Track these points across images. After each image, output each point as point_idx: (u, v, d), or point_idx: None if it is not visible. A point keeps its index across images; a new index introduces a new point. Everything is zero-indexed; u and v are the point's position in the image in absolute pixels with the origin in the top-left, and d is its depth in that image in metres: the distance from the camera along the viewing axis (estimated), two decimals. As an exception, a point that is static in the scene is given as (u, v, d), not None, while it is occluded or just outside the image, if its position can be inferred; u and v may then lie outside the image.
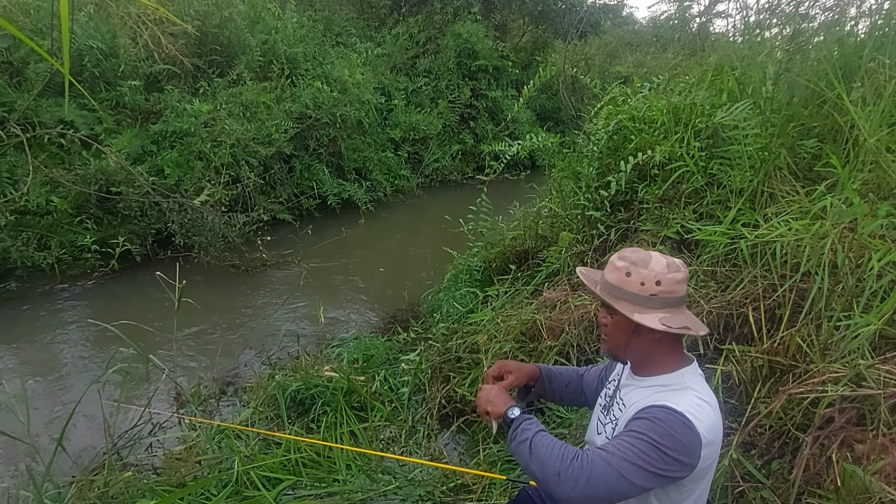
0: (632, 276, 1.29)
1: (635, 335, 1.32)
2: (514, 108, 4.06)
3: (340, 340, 4.02)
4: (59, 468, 2.30)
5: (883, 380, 1.54)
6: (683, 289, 1.32)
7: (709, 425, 1.22)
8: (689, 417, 1.19)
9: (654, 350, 1.34)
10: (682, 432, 1.18)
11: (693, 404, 1.23)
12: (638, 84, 3.34)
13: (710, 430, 1.22)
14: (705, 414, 1.23)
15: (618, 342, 1.37)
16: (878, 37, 2.32)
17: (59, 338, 4.20)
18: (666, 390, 1.29)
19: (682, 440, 1.18)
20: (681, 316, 1.30)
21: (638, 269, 1.29)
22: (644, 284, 1.28)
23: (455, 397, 2.97)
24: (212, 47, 7.09)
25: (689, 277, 1.36)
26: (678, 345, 1.36)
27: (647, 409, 1.24)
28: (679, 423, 1.19)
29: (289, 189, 7.26)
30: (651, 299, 1.28)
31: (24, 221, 5.01)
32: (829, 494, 1.49)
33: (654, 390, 1.31)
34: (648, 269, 1.28)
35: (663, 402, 1.23)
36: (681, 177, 2.61)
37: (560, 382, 1.66)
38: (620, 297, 1.30)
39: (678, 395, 1.25)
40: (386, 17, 11.83)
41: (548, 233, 3.61)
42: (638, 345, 1.34)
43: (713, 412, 1.26)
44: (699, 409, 1.22)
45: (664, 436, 1.17)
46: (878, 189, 1.99)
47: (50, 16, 5.72)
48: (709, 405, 1.26)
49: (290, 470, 2.51)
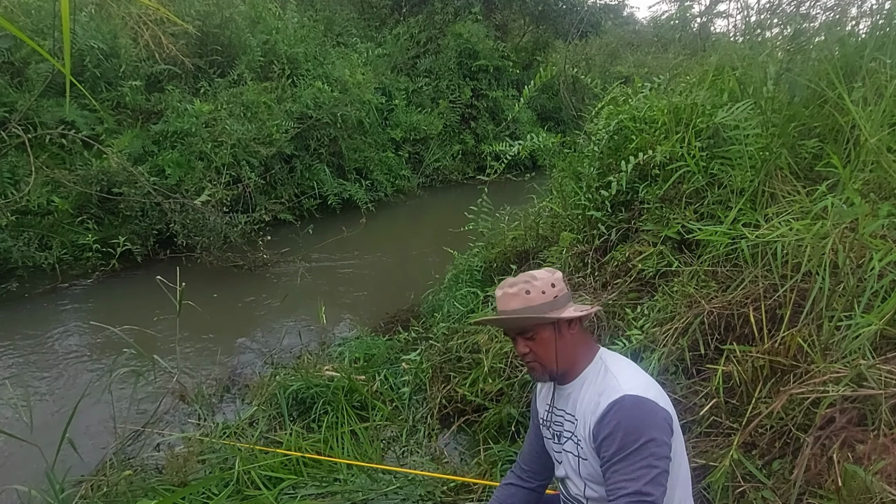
0: (532, 292, 1.39)
1: (559, 339, 1.41)
2: (514, 108, 4.05)
3: (342, 340, 4.02)
4: (64, 468, 2.30)
5: (884, 380, 1.54)
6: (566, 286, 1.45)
7: (645, 384, 1.33)
8: (632, 393, 1.27)
9: (576, 347, 1.43)
10: (640, 410, 1.26)
11: (624, 379, 1.32)
12: (639, 84, 3.34)
13: (648, 387, 1.32)
14: (636, 378, 1.34)
15: (547, 357, 1.42)
16: (879, 36, 2.32)
17: (60, 338, 4.21)
18: (595, 379, 1.38)
19: (646, 416, 1.26)
20: (579, 305, 1.45)
21: (531, 283, 1.41)
22: (545, 292, 1.40)
23: (456, 397, 2.97)
24: (212, 47, 7.10)
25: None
26: (588, 335, 1.48)
27: (601, 422, 1.28)
28: (632, 406, 1.26)
29: (289, 189, 7.28)
30: (556, 301, 1.40)
31: (26, 221, 5.02)
32: (831, 495, 1.49)
33: (588, 384, 1.39)
34: (539, 279, 1.41)
35: (613, 397, 1.29)
36: (681, 177, 2.61)
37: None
38: (534, 313, 1.39)
39: (615, 380, 1.33)
40: (387, 18, 11.84)
41: (548, 233, 3.61)
42: (564, 347, 1.41)
43: (640, 372, 1.38)
44: (630, 379, 1.33)
45: (635, 430, 1.23)
46: (879, 189, 1.99)
47: (51, 16, 5.73)
48: (633, 369, 1.39)
49: (291, 469, 2.51)
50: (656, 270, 2.52)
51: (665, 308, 2.33)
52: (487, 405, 2.80)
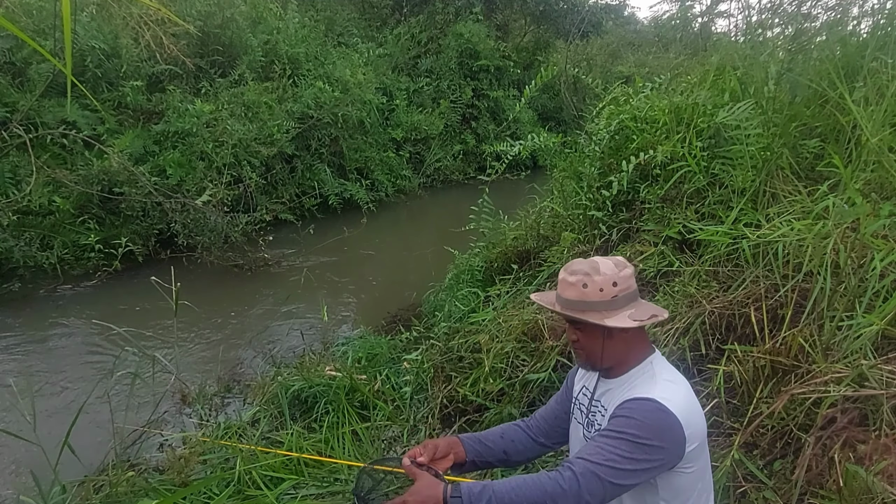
0: (589, 287, 1.31)
1: (608, 339, 1.35)
2: (515, 108, 4.06)
3: (345, 339, 4.02)
4: (67, 468, 2.30)
5: (885, 380, 1.54)
6: (633, 282, 1.36)
7: (682, 405, 1.24)
8: (661, 402, 1.22)
9: (627, 349, 1.37)
10: (658, 418, 1.21)
11: (663, 388, 1.26)
12: (640, 84, 3.34)
13: (685, 408, 1.24)
14: (676, 394, 1.26)
15: (594, 351, 1.38)
16: (880, 36, 2.31)
17: (62, 337, 4.21)
18: (637, 381, 1.33)
19: (660, 426, 1.20)
20: (644, 307, 1.35)
21: (592, 277, 1.32)
22: (603, 290, 1.31)
23: (457, 397, 2.97)
24: (214, 48, 7.11)
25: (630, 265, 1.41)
26: (644, 335, 1.40)
27: (622, 405, 1.27)
28: (653, 410, 1.21)
29: (290, 189, 7.28)
30: (614, 301, 1.31)
31: (27, 221, 5.02)
32: (832, 495, 1.48)
33: (629, 385, 1.34)
34: (601, 274, 1.32)
35: (635, 395, 1.26)
36: (683, 177, 2.61)
37: (494, 440, 1.59)
38: (585, 308, 1.32)
39: (648, 384, 1.29)
40: (387, 18, 11.84)
41: (549, 233, 3.61)
42: (612, 347, 1.36)
43: (685, 391, 1.30)
44: (669, 391, 1.26)
45: (642, 428, 1.20)
46: (880, 189, 1.99)
47: (52, 16, 5.73)
48: (679, 385, 1.30)
49: (293, 469, 2.51)
50: (657, 270, 2.52)
51: (666, 308, 2.33)
52: (488, 405, 2.80)
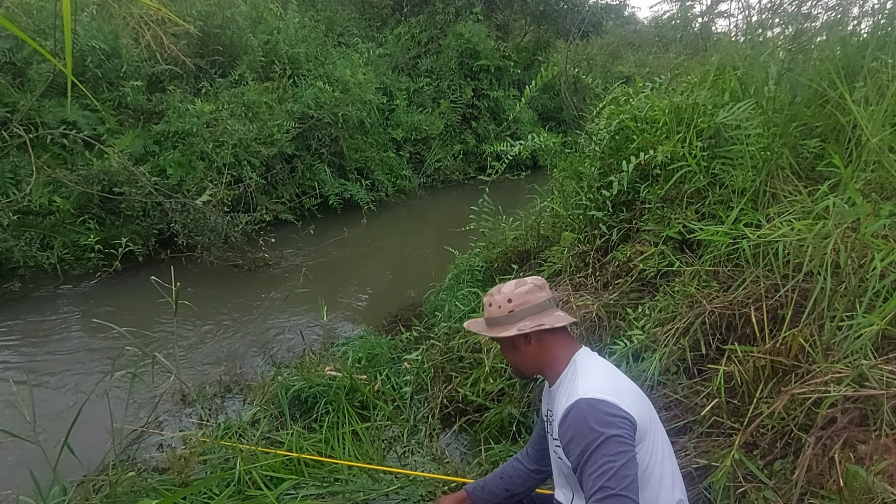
0: (493, 305, 1.52)
1: (517, 350, 1.52)
2: (515, 108, 4.06)
3: (345, 339, 4.02)
4: (67, 468, 2.30)
5: (886, 380, 1.54)
6: (538, 296, 1.50)
7: (605, 385, 1.36)
8: (587, 395, 1.33)
9: (544, 353, 1.50)
10: (596, 409, 1.31)
11: (583, 383, 1.37)
12: (640, 84, 3.33)
13: (609, 387, 1.36)
14: (597, 380, 1.38)
15: (514, 363, 1.57)
16: (880, 36, 2.31)
17: (62, 338, 4.21)
18: (567, 386, 1.43)
19: (602, 413, 1.30)
20: (541, 317, 1.48)
21: (493, 297, 1.53)
22: (501, 307, 1.50)
23: (457, 397, 2.98)
24: (214, 48, 7.10)
25: (543, 285, 1.54)
26: (562, 339, 1.51)
27: (563, 420, 1.35)
28: (587, 408, 1.31)
29: (291, 189, 7.28)
30: (511, 315, 1.49)
31: (27, 221, 5.02)
32: (832, 495, 1.48)
33: (563, 389, 1.44)
34: (501, 293, 1.52)
35: (566, 405, 1.36)
36: (683, 177, 2.61)
37: (495, 483, 1.72)
38: (493, 325, 1.53)
39: (573, 386, 1.40)
40: (388, 18, 11.84)
41: (550, 233, 3.61)
42: (527, 356, 1.52)
43: (604, 372, 1.43)
44: (590, 382, 1.37)
45: (594, 427, 1.28)
46: (880, 189, 1.99)
47: (52, 16, 5.74)
48: (598, 372, 1.43)
49: (293, 469, 2.51)
50: (657, 270, 2.52)
51: (666, 308, 2.33)
52: (489, 405, 2.80)
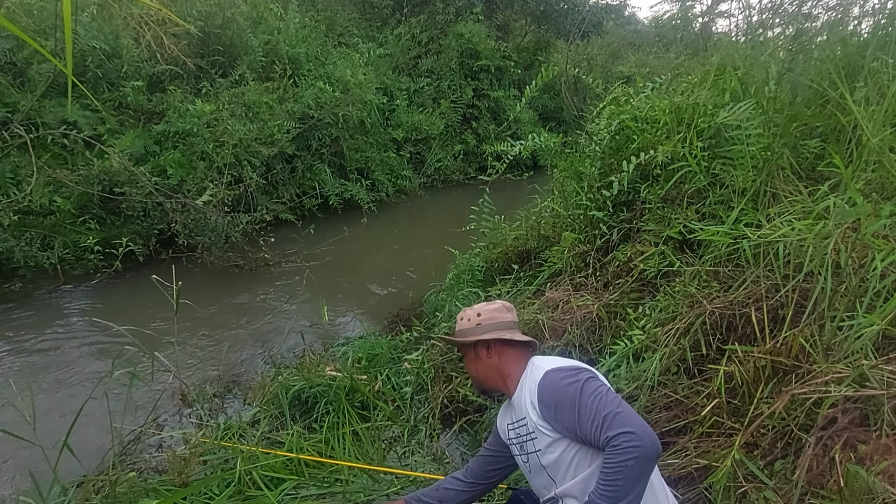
0: (463, 319, 1.69)
1: (478, 359, 1.64)
2: (516, 109, 4.06)
3: (346, 339, 4.02)
4: (66, 468, 2.30)
5: (886, 380, 1.53)
6: (504, 315, 1.66)
7: (561, 361, 1.51)
8: (553, 366, 1.46)
9: (503, 365, 1.61)
10: (565, 370, 1.44)
11: (545, 365, 1.49)
12: (640, 84, 3.33)
13: (565, 361, 1.51)
14: (555, 360, 1.52)
15: (473, 374, 1.69)
16: (881, 36, 2.31)
17: (63, 338, 4.21)
18: (529, 381, 1.51)
19: (572, 370, 1.43)
20: (504, 332, 1.62)
21: (465, 312, 1.70)
22: (470, 319, 1.67)
23: (457, 397, 2.98)
24: (214, 48, 7.11)
25: (511, 308, 1.71)
26: (520, 352, 1.63)
27: (540, 397, 1.44)
28: (556, 371, 1.44)
29: (291, 189, 7.28)
30: (477, 328, 1.65)
31: (28, 221, 5.02)
32: (833, 495, 1.48)
33: (525, 389, 1.52)
34: (472, 309, 1.69)
35: (534, 385, 1.46)
36: (683, 177, 2.61)
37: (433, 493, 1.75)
38: (460, 336, 1.68)
39: (536, 374, 1.49)
40: (388, 18, 11.84)
41: (550, 233, 3.61)
42: (486, 368, 1.64)
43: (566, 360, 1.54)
44: (549, 362, 1.51)
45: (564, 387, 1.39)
46: (881, 189, 1.99)
47: (53, 16, 5.74)
48: (552, 358, 1.55)
49: (293, 470, 2.51)
50: (658, 270, 2.52)
51: (667, 308, 2.33)
52: (489, 405, 2.80)
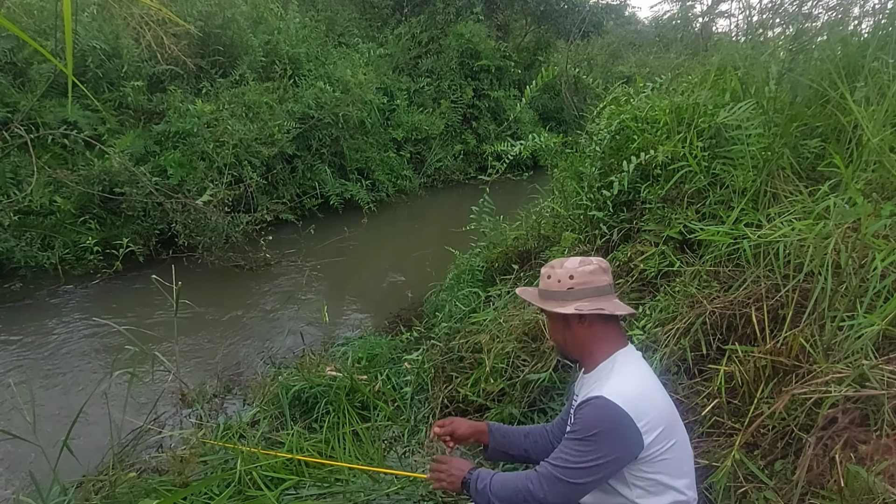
0: (551, 278, 1.47)
1: (566, 329, 1.48)
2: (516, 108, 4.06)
3: (346, 340, 4.02)
4: (66, 468, 2.30)
5: (886, 380, 1.53)
6: (601, 279, 1.45)
7: (633, 396, 1.31)
8: (609, 398, 1.29)
9: (590, 339, 1.46)
10: (603, 415, 1.28)
11: (614, 384, 1.33)
12: (640, 84, 3.33)
13: (635, 400, 1.30)
14: (627, 387, 1.33)
15: (558, 341, 1.54)
16: (881, 36, 2.31)
17: (63, 338, 4.22)
18: (601, 377, 1.40)
19: (608, 422, 1.28)
20: (601, 301, 1.43)
21: (555, 270, 1.47)
22: (560, 281, 1.45)
23: (458, 397, 2.97)
24: (214, 48, 7.11)
25: (607, 269, 1.49)
26: (612, 330, 1.47)
27: (579, 408, 1.36)
28: (600, 408, 1.29)
29: (291, 189, 7.29)
30: (569, 292, 1.44)
31: (28, 221, 5.03)
32: (833, 495, 1.48)
33: (595, 380, 1.41)
34: (563, 268, 1.46)
35: (588, 395, 1.34)
36: (683, 177, 2.60)
37: (517, 436, 1.72)
38: (547, 297, 1.48)
39: (604, 380, 1.37)
40: (388, 18, 11.84)
41: (550, 233, 3.61)
42: (573, 337, 1.48)
43: (639, 381, 1.37)
44: (619, 385, 1.33)
45: (591, 426, 1.28)
46: (881, 189, 1.99)
47: (53, 16, 5.74)
48: (633, 378, 1.37)
49: (293, 470, 2.51)
50: (658, 270, 2.52)
51: (667, 308, 2.33)
52: (489, 405, 2.80)
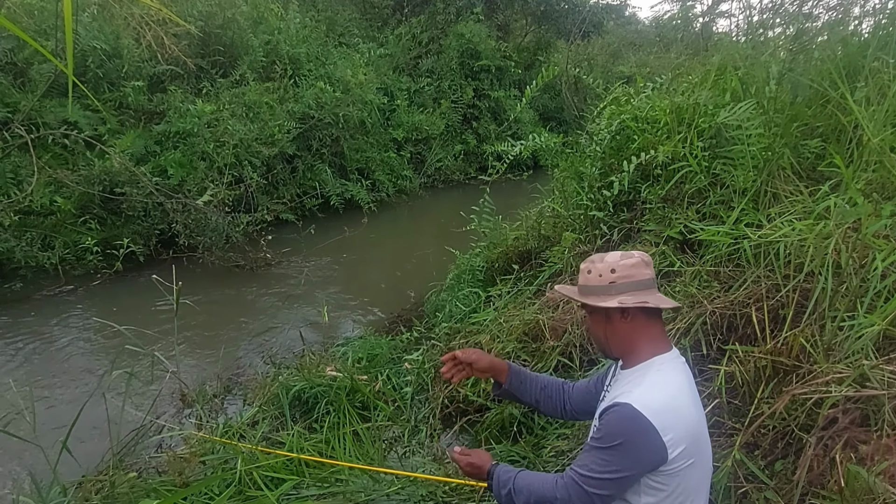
0: (592, 273, 1.42)
1: (608, 324, 1.43)
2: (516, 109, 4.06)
3: (345, 340, 4.02)
4: (66, 468, 2.30)
5: (887, 380, 1.53)
6: (643, 272, 1.40)
7: (660, 408, 1.26)
8: (636, 407, 1.25)
9: (632, 336, 1.41)
10: (628, 426, 1.24)
11: (643, 392, 1.29)
12: (641, 84, 3.33)
13: (663, 412, 1.25)
14: (656, 398, 1.28)
15: (598, 336, 1.49)
16: (882, 36, 2.31)
17: (63, 338, 4.22)
18: (633, 380, 1.36)
19: (632, 434, 1.24)
20: (644, 295, 1.38)
21: (596, 265, 1.42)
22: (602, 276, 1.40)
23: (458, 397, 2.97)
24: (215, 48, 7.11)
25: (649, 262, 1.44)
26: (655, 329, 1.42)
27: (604, 412, 1.31)
28: (626, 418, 1.25)
29: (291, 189, 7.29)
30: (611, 286, 1.38)
31: (29, 222, 5.03)
32: (833, 495, 1.48)
33: (629, 381, 1.37)
34: (604, 262, 1.41)
35: (616, 400, 1.30)
36: (684, 177, 2.61)
37: (534, 385, 1.72)
38: (588, 293, 1.43)
39: (635, 385, 1.32)
40: (388, 18, 11.84)
41: (550, 233, 3.61)
42: (615, 333, 1.43)
43: (669, 393, 1.31)
44: (649, 394, 1.28)
45: (615, 436, 1.25)
46: (882, 189, 1.99)
47: (54, 17, 5.74)
48: (663, 388, 1.31)
49: (293, 470, 2.51)
50: (659, 270, 2.52)
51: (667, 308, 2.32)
52: (489, 405, 2.80)
